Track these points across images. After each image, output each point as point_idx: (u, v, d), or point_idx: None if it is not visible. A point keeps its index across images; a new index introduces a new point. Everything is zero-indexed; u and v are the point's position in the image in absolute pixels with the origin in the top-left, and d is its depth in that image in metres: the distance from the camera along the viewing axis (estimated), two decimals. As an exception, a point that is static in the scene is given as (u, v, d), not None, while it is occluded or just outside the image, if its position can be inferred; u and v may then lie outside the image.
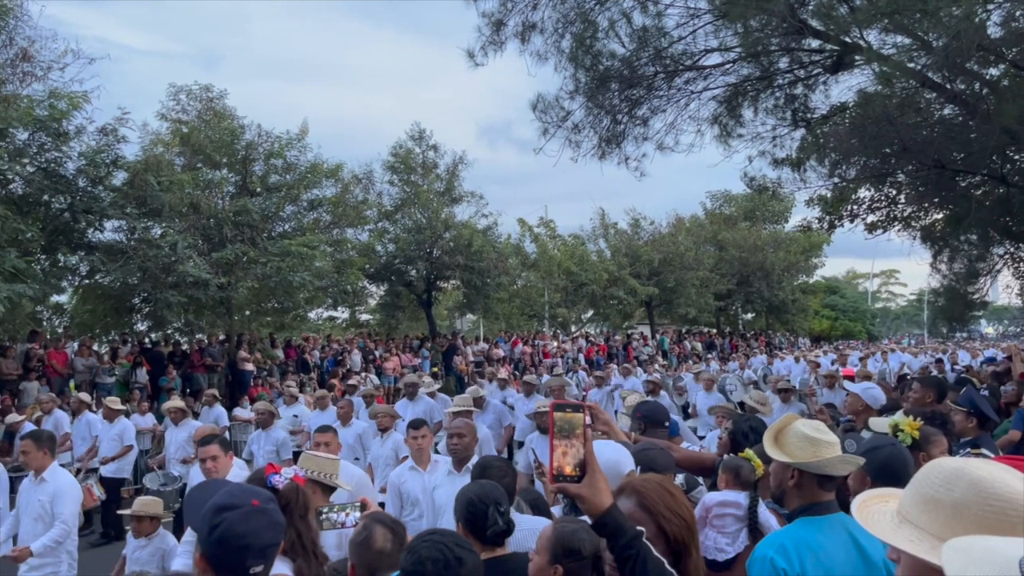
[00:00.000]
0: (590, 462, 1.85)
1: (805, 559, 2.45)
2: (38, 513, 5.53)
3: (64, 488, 5.59)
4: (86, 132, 15.06)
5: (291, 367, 20.02)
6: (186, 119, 18.98)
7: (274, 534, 2.28)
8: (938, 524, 1.44)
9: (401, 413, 9.64)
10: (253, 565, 2.20)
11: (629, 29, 10.68)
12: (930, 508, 1.47)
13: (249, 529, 2.20)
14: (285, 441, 9.09)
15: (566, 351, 28.00)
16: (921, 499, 1.50)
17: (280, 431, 9.32)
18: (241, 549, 2.17)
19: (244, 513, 2.22)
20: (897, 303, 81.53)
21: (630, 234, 36.12)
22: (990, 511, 1.39)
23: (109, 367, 15.90)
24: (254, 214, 18.42)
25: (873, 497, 1.73)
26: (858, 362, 22.17)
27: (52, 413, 11.17)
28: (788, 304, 41.64)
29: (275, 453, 8.76)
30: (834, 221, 15.36)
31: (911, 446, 3.61)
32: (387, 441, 8.08)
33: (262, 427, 9.20)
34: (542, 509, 4.03)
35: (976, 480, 1.42)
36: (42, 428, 8.77)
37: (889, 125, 9.87)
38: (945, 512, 1.43)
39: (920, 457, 3.56)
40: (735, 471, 3.67)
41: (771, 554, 2.50)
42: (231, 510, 2.22)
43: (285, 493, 3.03)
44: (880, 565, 2.44)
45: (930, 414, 4.34)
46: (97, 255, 15.94)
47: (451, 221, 25.80)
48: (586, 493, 1.83)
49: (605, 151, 11.98)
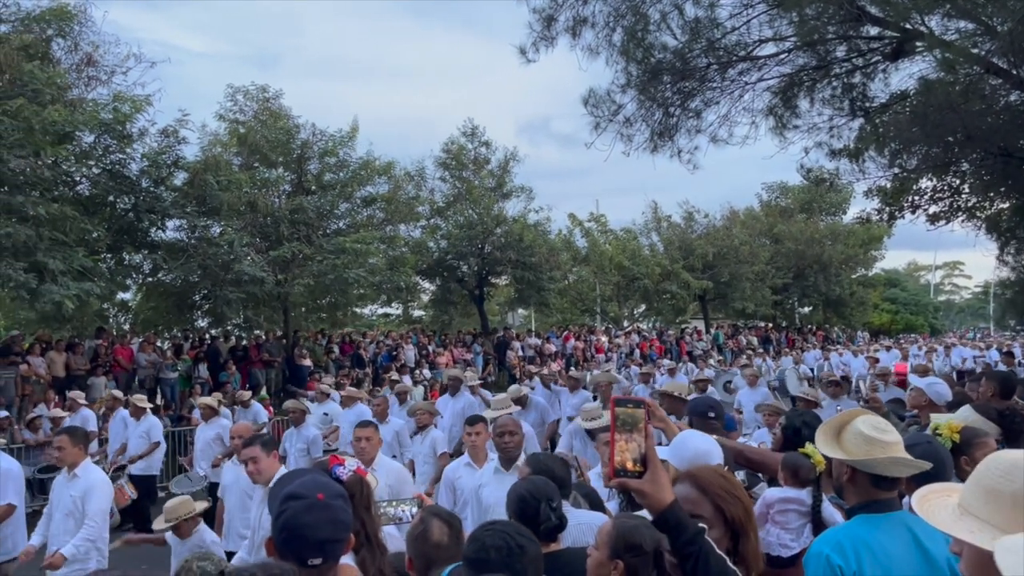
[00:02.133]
0: (651, 457, 1.84)
1: (862, 556, 2.40)
2: (69, 509, 5.49)
3: (96, 484, 5.55)
4: (148, 134, 15.47)
5: (347, 362, 20.34)
6: (243, 119, 19.42)
7: (334, 530, 2.30)
8: (1000, 515, 1.47)
9: (441, 409, 9.65)
10: (310, 557, 2.24)
11: (681, 21, 10.55)
12: (991, 499, 1.50)
13: (309, 521, 2.25)
14: (316, 439, 9.03)
15: (619, 346, 27.86)
16: (982, 491, 1.53)
17: (312, 429, 9.27)
18: (298, 539, 2.23)
19: (307, 505, 2.27)
20: (961, 296, 79.18)
21: (683, 227, 35.70)
22: None
23: (172, 363, 16.37)
24: (309, 212, 18.76)
25: (934, 491, 1.76)
26: (922, 356, 21.62)
27: (78, 411, 11.14)
28: (846, 298, 40.70)
29: (306, 451, 8.72)
30: (895, 212, 14.98)
31: (952, 449, 3.51)
32: (426, 438, 8.05)
33: (294, 424, 9.17)
34: (597, 504, 4.04)
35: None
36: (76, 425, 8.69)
37: (952, 113, 9.58)
38: (1006, 503, 1.47)
39: (963, 461, 3.46)
40: (794, 469, 3.63)
41: (827, 551, 2.46)
42: (296, 500, 2.28)
43: (349, 485, 3.08)
44: (943, 565, 2.38)
45: (1002, 411, 4.21)
46: (160, 253, 16.37)
47: (502, 217, 25.87)
48: (648, 488, 1.82)
49: (657, 144, 11.87)
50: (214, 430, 9.37)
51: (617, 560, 2.25)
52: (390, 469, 5.51)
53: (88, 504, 5.45)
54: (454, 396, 10.00)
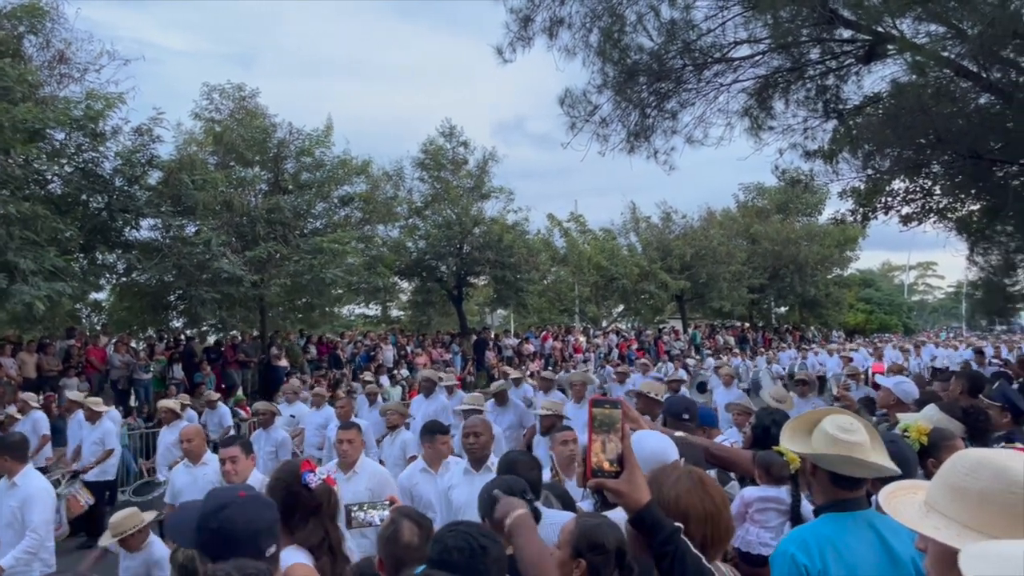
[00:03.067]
0: (628, 457, 1.86)
1: (827, 555, 2.43)
2: (8, 520, 5.23)
3: (35, 494, 5.27)
4: (122, 132, 15.29)
5: (324, 363, 20.24)
6: (219, 118, 19.25)
7: (272, 513, 2.39)
8: (965, 512, 1.49)
9: (415, 410, 9.54)
10: (267, 546, 2.28)
11: (657, 22, 10.60)
12: (957, 497, 1.52)
13: (251, 515, 2.30)
14: (285, 441, 8.88)
15: (597, 346, 27.95)
16: (948, 488, 1.55)
17: (281, 431, 9.12)
18: (253, 535, 2.26)
19: (239, 505, 2.32)
20: (935, 296, 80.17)
21: (661, 228, 35.94)
22: (1014, 498, 1.44)
23: (146, 364, 16.20)
24: (286, 211, 18.64)
25: (901, 488, 1.78)
26: (900, 356, 21.88)
27: (29, 414, 10.68)
28: (821, 298, 41.11)
29: (275, 454, 8.57)
30: (868, 213, 15.13)
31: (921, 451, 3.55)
32: (396, 440, 7.98)
33: (263, 427, 9.00)
34: (569, 504, 4.04)
35: (1000, 468, 1.48)
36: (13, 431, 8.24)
37: (923, 115, 9.71)
38: (971, 500, 1.49)
39: (930, 463, 3.51)
40: (767, 466, 3.67)
41: (792, 550, 2.48)
42: (226, 508, 2.30)
43: (318, 493, 3.07)
44: (908, 563, 2.41)
45: (967, 409, 4.28)
46: (134, 253, 16.19)
47: (481, 217, 25.86)
48: (625, 488, 1.84)
49: (634, 145, 11.91)
50: (175, 434, 8.96)
51: (579, 559, 2.26)
52: (372, 472, 5.45)
53: (29, 514, 5.19)
54: (428, 397, 9.85)
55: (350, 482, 5.29)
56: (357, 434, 5.65)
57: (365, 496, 5.06)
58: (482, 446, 5.12)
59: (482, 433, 5.17)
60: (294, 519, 2.94)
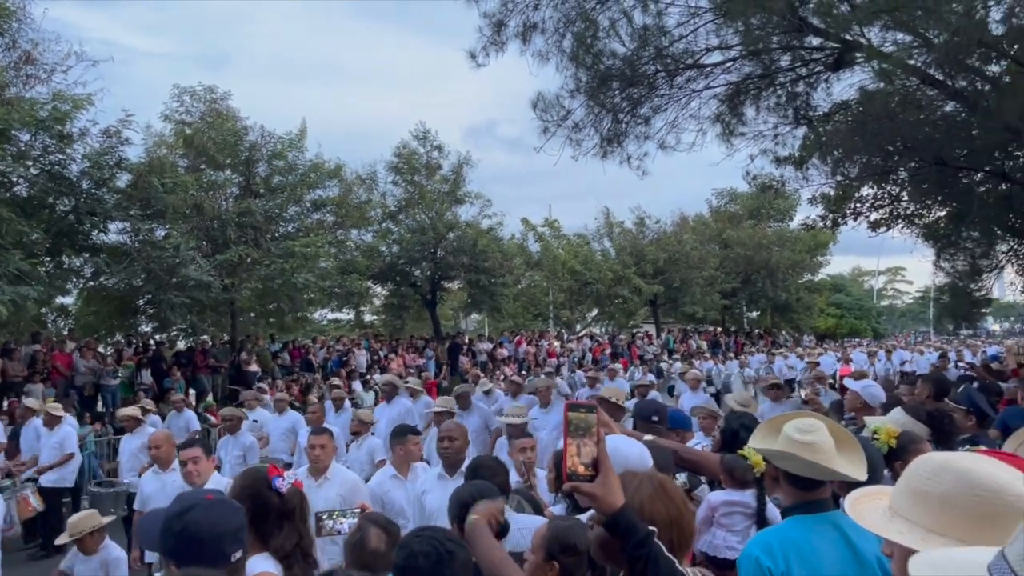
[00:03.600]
0: (603, 461, 1.86)
1: (791, 557, 2.45)
2: None
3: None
4: (90, 134, 15.10)
5: (296, 368, 20.07)
6: (189, 120, 19.07)
7: (240, 517, 2.35)
8: (928, 516, 1.50)
9: (378, 415, 9.46)
10: (233, 551, 2.24)
11: (630, 28, 10.65)
12: (919, 501, 1.52)
13: (216, 518, 2.25)
14: (253, 446, 8.73)
15: (571, 351, 28.00)
16: (911, 493, 1.55)
17: (248, 436, 8.97)
18: (218, 538, 2.22)
19: (205, 507, 2.28)
20: (903, 300, 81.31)
21: (635, 233, 36.13)
22: (976, 501, 1.44)
23: (113, 369, 15.95)
24: (257, 215, 18.49)
25: (867, 494, 1.78)
26: (867, 360, 22.16)
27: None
28: (793, 303, 41.56)
29: (242, 459, 8.41)
30: (838, 219, 15.34)
31: (888, 454, 3.59)
32: (362, 445, 7.88)
33: (230, 432, 8.82)
34: (538, 508, 4.04)
35: (962, 472, 1.48)
36: None
37: (890, 122, 9.86)
38: (934, 504, 1.49)
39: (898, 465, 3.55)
40: (730, 470, 3.68)
41: (757, 553, 2.51)
42: (191, 511, 2.26)
43: (289, 497, 3.04)
44: (873, 563, 2.44)
45: (932, 412, 4.33)
46: (101, 257, 15.99)
47: (455, 222, 25.83)
48: (599, 492, 1.84)
49: (607, 150, 11.95)
50: (139, 440, 8.86)
51: (553, 561, 2.26)
52: (344, 478, 5.39)
53: None
54: (390, 403, 9.68)
55: (321, 488, 5.23)
56: (329, 439, 5.58)
57: (336, 503, 5.01)
58: (457, 451, 5.06)
59: (457, 438, 5.11)
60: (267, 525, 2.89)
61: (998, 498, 1.43)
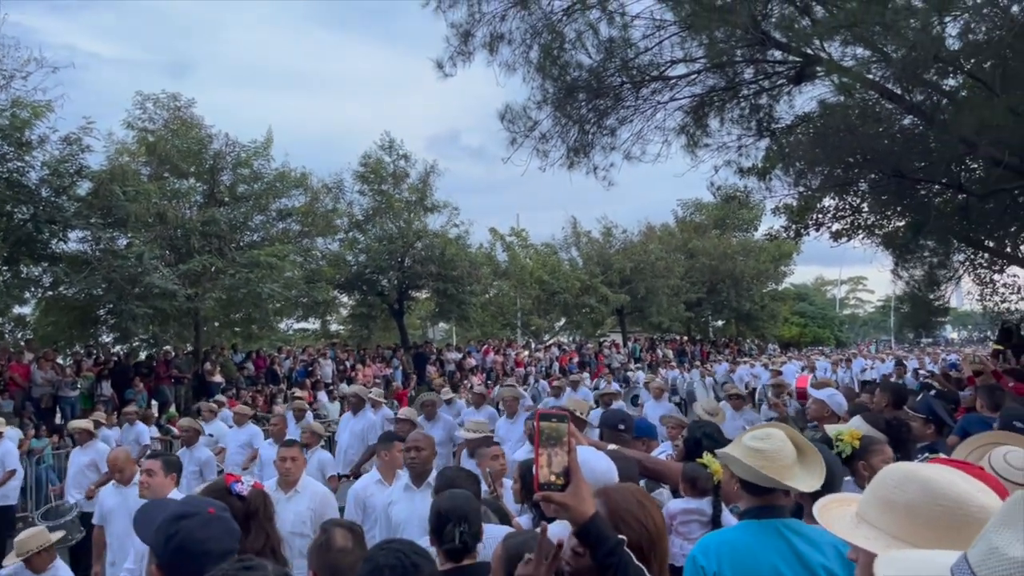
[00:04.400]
0: (574, 470, 1.87)
1: (723, 557, 2.58)
2: None
3: None
4: (49, 141, 14.89)
5: (261, 379, 19.83)
6: (153, 128, 18.81)
7: (232, 541, 2.31)
8: (894, 524, 1.56)
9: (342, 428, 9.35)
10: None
11: (596, 40, 10.74)
12: (886, 509, 1.59)
13: (209, 535, 2.23)
14: (210, 460, 8.56)
15: (539, 360, 28.02)
16: (877, 501, 1.62)
17: (205, 450, 8.80)
18: (202, 555, 2.19)
19: (203, 520, 2.24)
20: (865, 309, 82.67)
21: (602, 243, 36.34)
22: (940, 510, 1.51)
23: (72, 380, 15.62)
24: (222, 224, 18.28)
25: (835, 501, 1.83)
26: (830, 369, 22.48)
27: None
28: (757, 312, 42.05)
29: (199, 473, 8.24)
30: (800, 229, 15.58)
31: (851, 456, 3.68)
32: (312, 459, 7.60)
33: (186, 445, 8.63)
34: (504, 518, 4.04)
35: (926, 481, 1.56)
36: None
37: (850, 135, 10.06)
38: (899, 512, 1.56)
39: (860, 466, 3.65)
40: (692, 479, 3.72)
41: (695, 553, 2.66)
42: (189, 518, 2.23)
43: (252, 499, 3.01)
44: (819, 570, 2.53)
45: (890, 420, 4.42)
46: (61, 266, 15.70)
47: (423, 230, 25.76)
48: (571, 502, 1.85)
49: (574, 161, 12.02)
50: (89, 455, 8.65)
51: None
52: (315, 491, 5.32)
53: None
54: (356, 415, 9.49)
55: (291, 502, 5.16)
56: (299, 452, 5.53)
57: (307, 516, 4.97)
58: (423, 461, 5.00)
59: (423, 448, 5.04)
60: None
61: (960, 509, 1.49)
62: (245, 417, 10.33)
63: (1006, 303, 17.09)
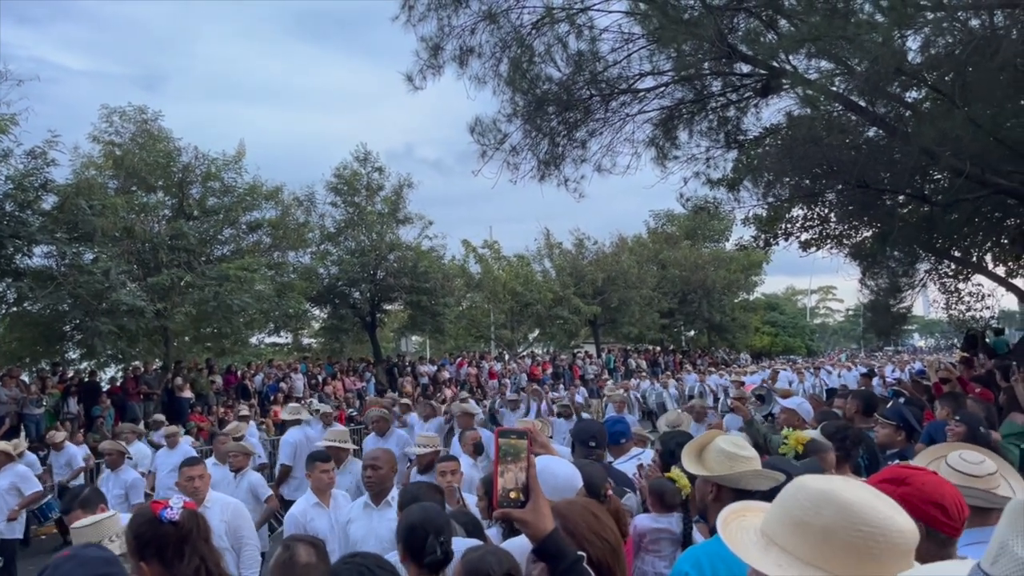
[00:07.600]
0: (534, 487, 1.88)
1: (719, 570, 2.49)
2: None
3: None
4: (13, 155, 14.69)
5: (231, 393, 19.59)
6: (119, 141, 18.60)
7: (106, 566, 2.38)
8: (807, 548, 1.41)
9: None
10: None
11: (565, 54, 10.84)
12: (799, 532, 1.44)
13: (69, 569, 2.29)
14: (136, 483, 8.12)
15: (513, 371, 27.98)
16: (790, 522, 1.46)
17: (131, 472, 8.37)
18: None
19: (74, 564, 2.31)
20: (835, 318, 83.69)
21: (574, 254, 36.44)
22: (858, 536, 1.38)
23: (37, 397, 15.32)
24: (191, 237, 18.10)
25: (733, 512, 1.71)
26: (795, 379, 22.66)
27: None
28: (728, 322, 42.41)
29: (124, 497, 7.81)
30: (770, 239, 15.78)
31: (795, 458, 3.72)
32: (242, 481, 7.26)
33: (110, 468, 8.25)
34: (475, 532, 4.02)
35: (845, 504, 1.41)
36: None
37: (816, 146, 10.22)
38: (815, 536, 1.41)
39: None
40: (659, 494, 3.71)
41: (686, 568, 2.57)
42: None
43: (183, 523, 2.95)
44: None
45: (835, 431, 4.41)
46: (25, 281, 15.44)
47: (397, 243, 25.66)
48: (530, 518, 1.86)
49: (544, 173, 12.10)
50: (8, 479, 8.19)
51: None
52: (224, 504, 5.20)
53: None
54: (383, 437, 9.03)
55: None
56: (204, 469, 5.44)
57: (222, 529, 4.87)
58: (381, 479, 4.86)
59: (381, 466, 4.90)
60: (167, 555, 2.80)
61: (881, 535, 1.38)
62: (177, 437, 10.00)
63: (971, 311, 17.41)
